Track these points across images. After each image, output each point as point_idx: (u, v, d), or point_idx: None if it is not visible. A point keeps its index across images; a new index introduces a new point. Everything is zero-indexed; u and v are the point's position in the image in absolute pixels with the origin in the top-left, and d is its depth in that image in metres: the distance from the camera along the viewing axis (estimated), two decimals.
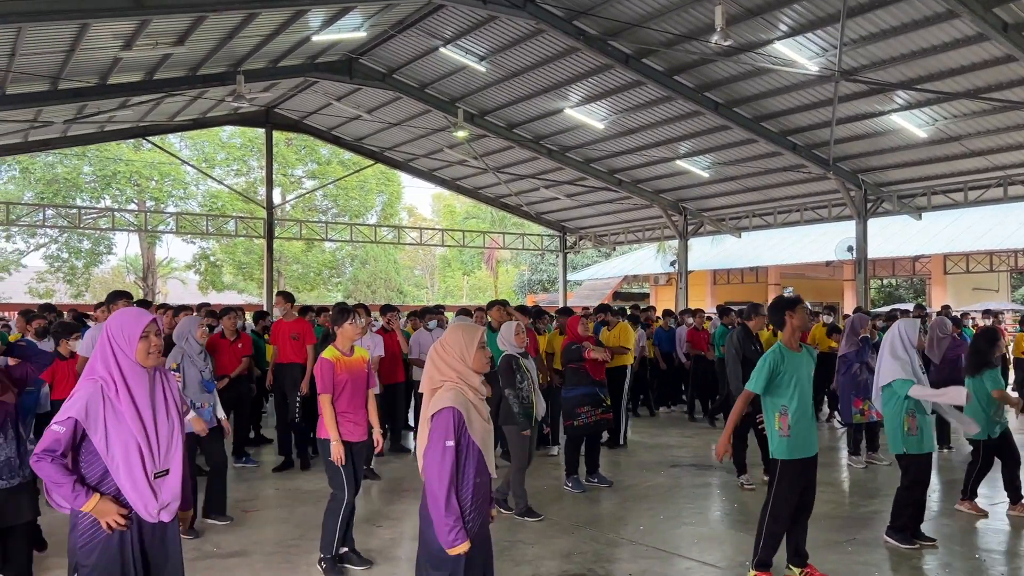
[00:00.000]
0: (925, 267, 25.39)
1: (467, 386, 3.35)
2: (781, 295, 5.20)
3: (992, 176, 17.47)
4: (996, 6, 11.91)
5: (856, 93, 15.16)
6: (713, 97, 16.71)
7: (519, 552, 5.77)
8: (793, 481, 4.88)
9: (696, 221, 24.26)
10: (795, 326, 4.95)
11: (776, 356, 4.89)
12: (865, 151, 17.87)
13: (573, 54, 15.99)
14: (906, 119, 15.88)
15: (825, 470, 8.65)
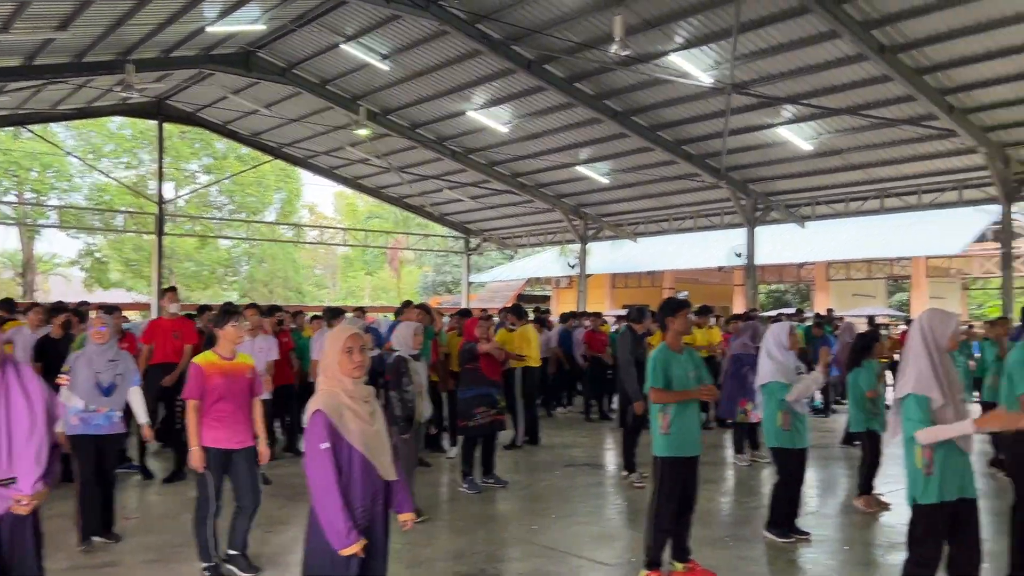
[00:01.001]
0: (810, 273, 26.69)
1: (342, 389, 3.34)
2: (670, 297, 5.38)
3: (870, 188, 18.52)
4: (874, 28, 12.65)
5: (747, 106, 15.79)
6: (612, 105, 17.09)
7: (412, 554, 5.75)
8: (674, 479, 5.06)
9: (596, 225, 24.73)
10: (676, 330, 5.14)
11: (661, 356, 5.06)
12: (755, 162, 18.64)
13: (477, 57, 16.07)
14: (792, 132, 16.66)
15: (711, 468, 9.01)
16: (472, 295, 32.56)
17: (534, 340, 10.72)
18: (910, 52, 13.12)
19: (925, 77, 13.64)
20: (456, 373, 8.63)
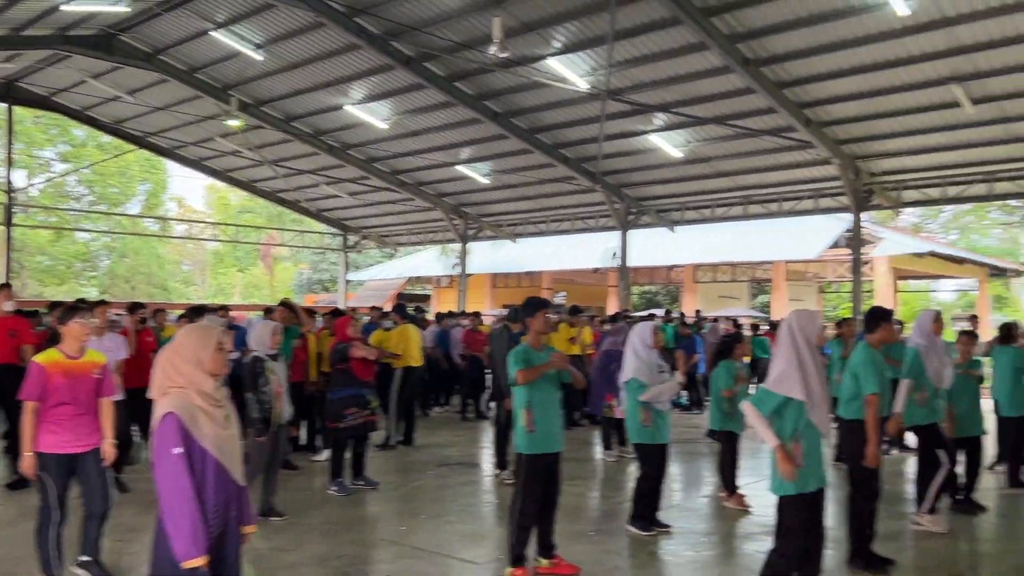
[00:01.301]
0: (679, 275, 27.70)
1: (196, 391, 3.20)
2: (530, 297, 5.45)
3: (735, 195, 19.41)
4: (739, 42, 13.26)
5: (622, 112, 16.23)
6: (492, 106, 17.19)
7: (274, 560, 5.58)
8: (536, 476, 5.13)
9: (476, 225, 24.81)
10: (536, 329, 5.23)
11: (521, 350, 5.13)
12: (628, 167, 19.18)
13: (355, 51, 15.78)
14: (664, 140, 17.25)
15: (580, 464, 9.22)
16: (350, 294, 32.00)
17: (415, 339, 10.64)
18: (772, 66, 13.83)
19: (785, 91, 14.42)
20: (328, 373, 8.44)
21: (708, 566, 5.57)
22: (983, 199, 18.18)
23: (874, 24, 12.25)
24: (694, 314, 17.90)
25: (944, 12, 11.71)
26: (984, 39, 12.12)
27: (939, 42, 12.39)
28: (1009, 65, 12.61)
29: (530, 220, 23.90)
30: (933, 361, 6.17)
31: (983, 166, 15.82)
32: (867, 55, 13.10)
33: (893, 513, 6.72)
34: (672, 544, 6.05)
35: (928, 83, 13.50)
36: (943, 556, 5.87)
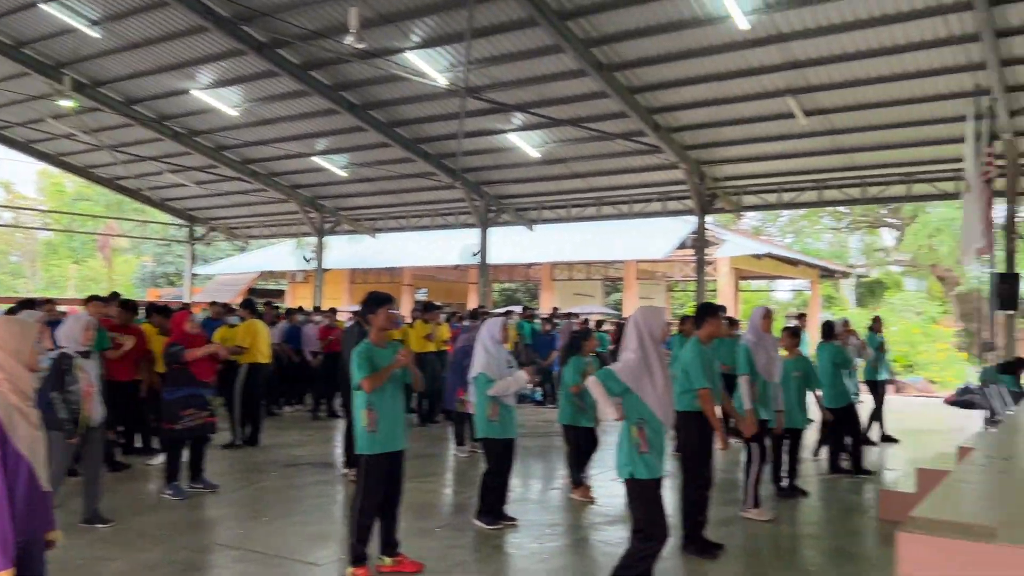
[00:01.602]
0: (537, 273, 28.17)
1: (13, 389, 2.96)
2: (372, 292, 5.36)
3: (589, 196, 19.94)
4: (593, 46, 13.61)
5: (481, 110, 16.30)
6: (349, 97, 16.84)
7: (97, 569, 5.21)
8: (378, 475, 5.06)
9: (333, 219, 24.26)
10: (378, 325, 5.15)
11: (364, 350, 5.04)
12: (488, 165, 19.31)
13: (202, 33, 15.02)
14: (522, 139, 17.48)
15: (432, 461, 9.19)
16: (196, 288, 30.52)
17: (263, 335, 10.25)
18: (624, 72, 14.30)
19: (636, 96, 14.93)
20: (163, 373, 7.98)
21: (551, 556, 5.67)
22: (813, 205, 19.56)
23: (717, 36, 12.89)
24: (551, 311, 18.24)
25: (780, 28, 12.48)
26: (815, 55, 13.01)
27: (776, 56, 13.20)
28: (837, 81, 13.60)
29: (390, 215, 23.63)
30: (761, 356, 6.55)
31: (814, 174, 17.00)
32: (711, 65, 13.77)
33: (728, 500, 7.10)
34: (517, 537, 6.12)
35: (766, 94, 14.35)
36: (769, 540, 6.25)
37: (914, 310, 25.38)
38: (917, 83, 13.27)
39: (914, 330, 21.31)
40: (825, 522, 6.94)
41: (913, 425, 13.06)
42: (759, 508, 6.70)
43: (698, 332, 5.82)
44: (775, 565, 5.65)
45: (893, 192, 16.86)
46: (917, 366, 20.14)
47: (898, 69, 12.99)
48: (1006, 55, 12.13)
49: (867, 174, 16.49)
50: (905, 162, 15.84)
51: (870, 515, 7.05)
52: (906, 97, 13.69)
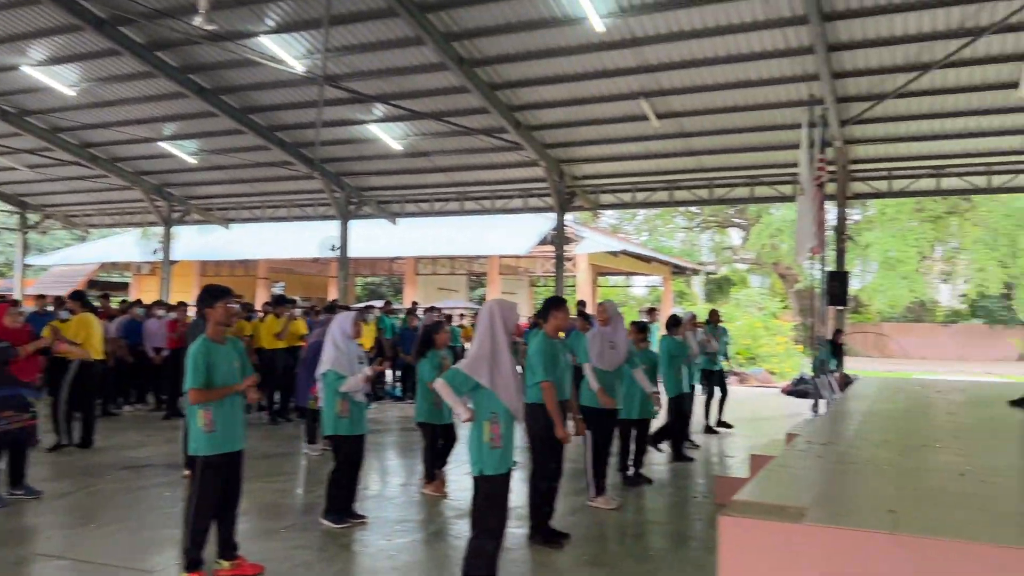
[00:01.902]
0: (401, 267, 27.93)
1: None
2: (209, 285, 5.11)
3: (452, 191, 19.93)
4: (455, 41, 13.58)
5: (341, 99, 15.94)
6: (199, 81, 16.07)
7: None
8: (215, 477, 4.85)
9: (182, 208, 23.09)
10: (215, 320, 4.93)
11: (201, 349, 4.80)
12: (349, 156, 18.93)
13: (34, 5, 13.87)
14: (383, 130, 17.24)
15: (283, 460, 8.91)
16: (29, 280, 28.28)
17: (96, 330, 9.60)
18: (485, 68, 14.36)
19: (497, 93, 15.04)
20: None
21: (399, 553, 5.61)
22: (665, 205, 20.37)
23: (575, 37, 13.17)
24: (410, 305, 18.09)
25: (634, 32, 12.89)
26: (666, 60, 13.53)
27: (630, 59, 13.63)
28: (687, 85, 14.21)
29: (244, 205, 22.74)
30: (596, 345, 6.76)
31: (666, 175, 17.70)
32: (569, 65, 14.06)
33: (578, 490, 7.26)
34: (366, 534, 6.02)
35: (621, 96, 14.80)
36: (614, 527, 6.44)
37: (757, 305, 26.94)
38: (760, 91, 14.07)
39: (756, 324, 22.61)
40: (667, 508, 7.23)
41: (754, 414, 13.86)
42: (604, 497, 6.89)
43: (545, 325, 5.90)
44: (618, 552, 5.82)
45: (738, 194, 17.80)
46: (759, 358, 21.40)
47: (742, 76, 13.72)
48: (837, 68, 13.06)
49: (714, 176, 17.33)
50: (749, 165, 16.76)
51: (708, 500, 7.40)
52: (750, 104, 14.48)
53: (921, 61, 12.64)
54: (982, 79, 13.06)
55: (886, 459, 4.25)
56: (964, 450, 4.56)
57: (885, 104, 13.61)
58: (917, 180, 16.09)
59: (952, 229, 32.51)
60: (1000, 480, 3.74)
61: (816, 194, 11.24)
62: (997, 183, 15.66)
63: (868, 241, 29.97)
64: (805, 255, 11.24)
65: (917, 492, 3.47)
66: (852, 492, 3.62)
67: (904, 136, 14.97)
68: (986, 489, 3.52)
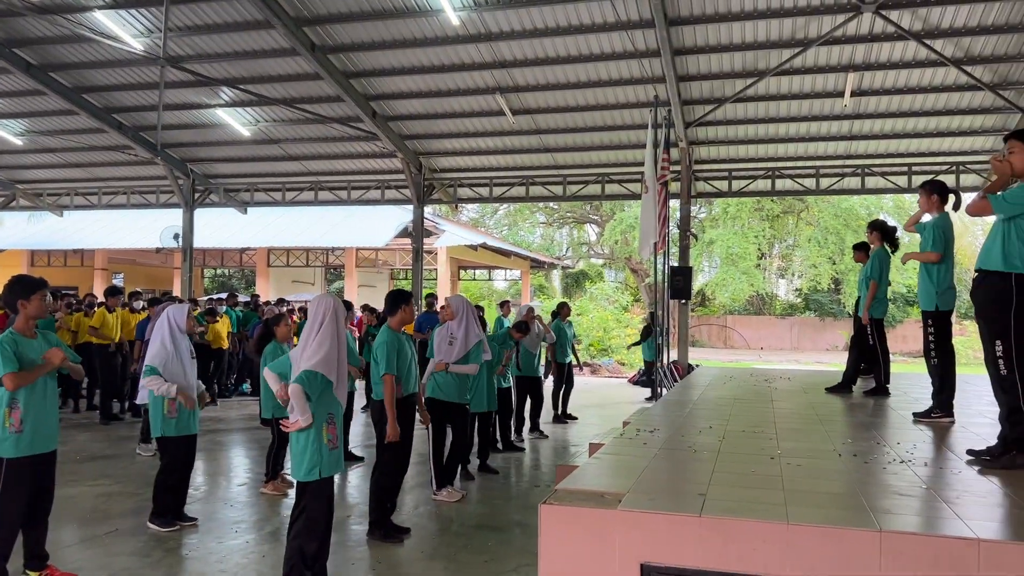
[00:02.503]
0: (252, 259, 26.91)
1: None
2: (21, 276, 4.72)
3: (305, 180, 19.39)
4: (306, 26, 13.20)
5: (184, 82, 15.18)
6: (25, 56, 14.88)
7: None
8: (23, 480, 4.48)
9: (7, 193, 21.30)
10: (29, 314, 4.56)
11: (9, 346, 4.42)
12: (194, 141, 18.05)
13: None
14: (231, 116, 16.54)
15: (114, 462, 8.39)
16: None
17: None
18: (339, 55, 14.05)
19: (352, 81, 14.75)
20: None
21: (231, 555, 5.39)
22: (521, 200, 20.61)
23: (431, 28, 13.11)
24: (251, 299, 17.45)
25: (489, 27, 12.97)
26: (520, 56, 13.70)
27: (486, 54, 13.71)
28: (541, 82, 14.45)
29: (78, 191, 21.24)
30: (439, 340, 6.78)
31: (522, 171, 17.94)
32: (426, 57, 13.98)
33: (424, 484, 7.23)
34: (196, 537, 5.76)
35: (478, 90, 14.87)
36: (456, 519, 6.46)
37: (610, 299, 27.82)
38: (609, 90, 14.49)
39: (608, 317, 23.34)
40: (509, 499, 7.32)
41: (602, 402, 14.31)
42: (449, 490, 6.90)
43: (391, 320, 5.84)
44: (456, 543, 5.84)
45: (590, 191, 18.29)
46: (610, 349, 22.11)
47: (593, 76, 14.09)
48: (681, 71, 13.65)
49: (568, 172, 17.73)
50: (600, 163, 17.26)
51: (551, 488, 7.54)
52: (601, 103, 14.90)
53: (757, 68, 13.41)
54: (811, 87, 14.01)
55: (707, 445, 4.46)
56: (780, 435, 4.87)
57: (725, 108, 14.36)
58: (755, 181, 17.08)
59: (788, 227, 34.77)
60: (804, 462, 4.01)
61: (660, 192, 11.71)
62: (824, 185, 16.86)
63: (712, 238, 31.58)
64: (649, 251, 11.69)
65: (729, 476, 3.66)
66: (669, 477, 3.78)
67: (743, 139, 15.84)
68: (790, 471, 3.76)
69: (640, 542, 2.98)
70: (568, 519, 3.09)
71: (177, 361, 5.83)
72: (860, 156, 15.95)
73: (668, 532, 2.96)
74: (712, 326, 36.81)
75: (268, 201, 20.29)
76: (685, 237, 16.24)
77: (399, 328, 5.87)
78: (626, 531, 3.00)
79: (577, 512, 3.09)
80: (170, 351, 5.77)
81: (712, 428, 5.09)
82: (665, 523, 2.97)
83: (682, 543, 2.94)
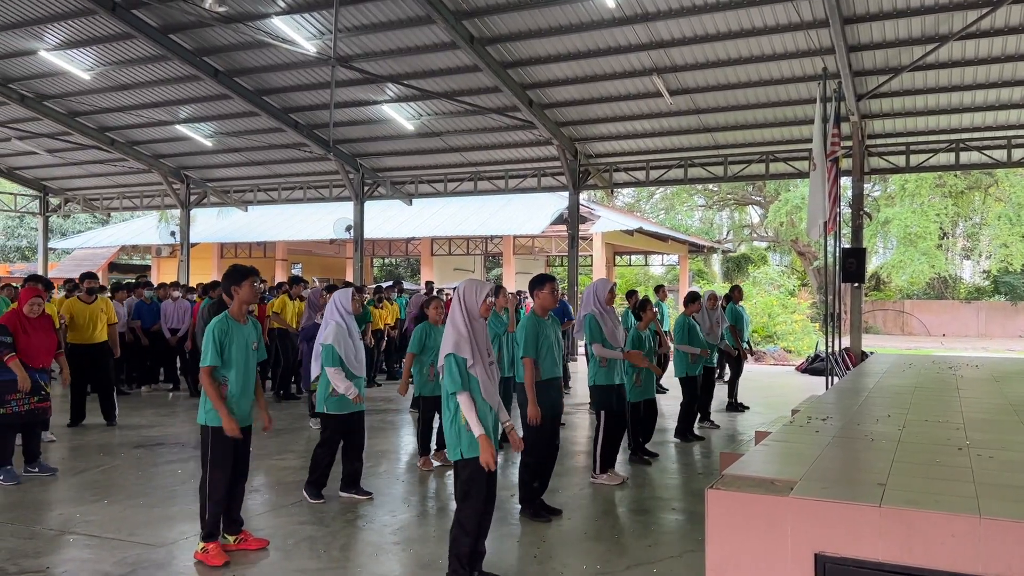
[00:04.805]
0: (417, 248, 27.99)
1: None
2: (236, 264, 5.16)
3: (465, 171, 19.91)
4: (465, 19, 13.52)
5: (353, 80, 15.96)
6: (212, 63, 16.13)
7: None
8: (227, 448, 4.92)
9: (200, 191, 23.27)
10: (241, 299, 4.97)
11: (222, 326, 4.87)
12: (362, 136, 18.96)
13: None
14: (396, 111, 17.23)
15: (290, 436, 9.01)
16: (53, 263, 28.71)
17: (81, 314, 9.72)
18: (496, 46, 14.30)
19: (509, 71, 14.98)
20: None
21: (402, 527, 5.67)
22: (680, 182, 20.21)
23: (587, 13, 13.07)
24: (424, 285, 18.14)
25: (646, 7, 12.77)
26: (678, 35, 13.39)
27: (642, 35, 13.51)
28: (700, 61, 14.07)
29: (260, 187, 22.87)
30: (608, 324, 6.71)
31: (680, 152, 17.58)
32: (581, 42, 13.96)
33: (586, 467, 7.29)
34: (371, 509, 6.10)
35: (634, 73, 14.68)
36: (619, 502, 6.45)
37: (775, 283, 26.74)
38: (774, 65, 13.90)
39: (772, 302, 22.46)
40: (671, 485, 7.23)
41: (767, 392, 13.81)
42: (609, 473, 6.91)
43: (533, 304, 5.91)
44: (619, 526, 5.84)
45: (753, 170, 17.64)
46: (776, 336, 21.28)
47: (756, 51, 13.55)
48: (852, 41, 12.87)
49: (729, 153, 17.18)
50: (763, 142, 16.60)
51: (714, 476, 7.38)
52: (764, 79, 14.32)
53: (938, 33, 12.43)
54: (1001, 50, 12.82)
55: (884, 434, 4.22)
56: (968, 425, 4.53)
57: (902, 77, 13.41)
58: (936, 155, 15.86)
59: (974, 204, 32.04)
60: (996, 453, 3.71)
61: (829, 169, 11.11)
62: (1017, 156, 15.41)
63: (888, 217, 29.61)
64: (818, 231, 11.13)
65: (909, 466, 3.45)
66: (843, 466, 3.61)
67: (922, 110, 14.75)
68: (981, 463, 3.50)
69: (814, 531, 2.87)
70: (737, 505, 3.02)
71: (349, 341, 6.16)
72: None
73: (845, 522, 2.83)
74: (888, 311, 34.59)
75: (431, 192, 21.01)
76: (858, 216, 15.34)
77: (542, 312, 5.90)
78: (799, 519, 2.89)
79: (746, 498, 3.01)
80: (344, 329, 6.11)
81: (890, 417, 4.80)
82: (842, 512, 2.84)
83: (860, 534, 2.80)
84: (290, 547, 5.22)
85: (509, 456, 7.64)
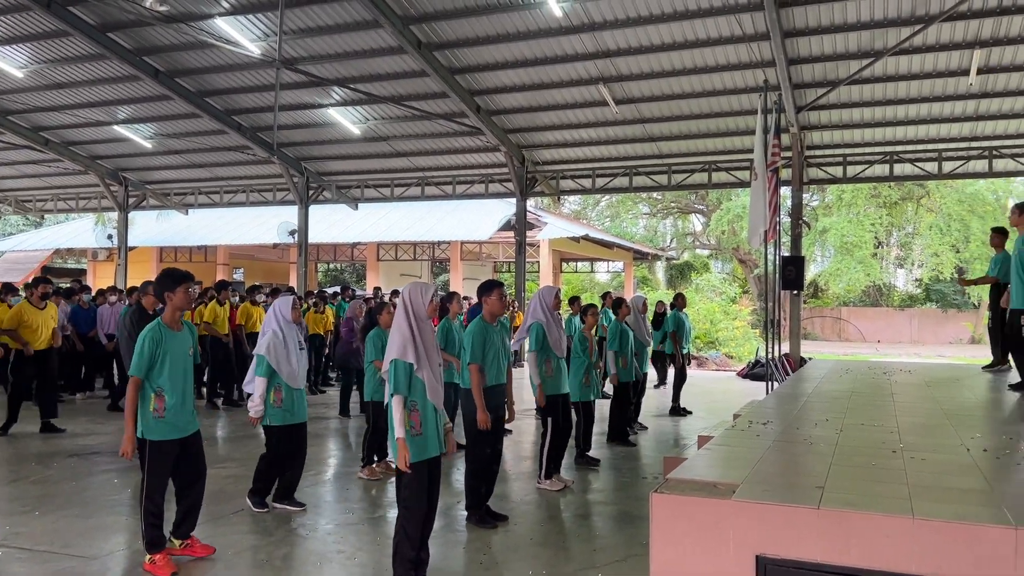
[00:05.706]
0: (362, 253, 27.74)
1: None
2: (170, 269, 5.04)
3: (413, 176, 19.83)
4: (413, 24, 13.47)
5: (298, 83, 15.76)
6: (153, 63, 15.77)
7: None
8: (166, 459, 4.82)
9: (139, 193, 22.70)
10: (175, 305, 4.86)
11: (154, 335, 4.74)
12: (307, 140, 18.73)
13: None
14: (342, 115, 17.07)
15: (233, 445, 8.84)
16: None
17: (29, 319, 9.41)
18: (444, 52, 14.28)
19: (457, 77, 14.97)
20: None
21: (344, 535, 5.60)
22: (625, 190, 20.43)
23: (534, 21, 13.15)
24: (372, 291, 18.01)
25: (592, 17, 12.90)
26: (624, 45, 13.56)
27: (589, 44, 13.64)
28: (645, 71, 14.27)
29: (202, 190, 22.42)
30: (553, 332, 6.76)
31: (625, 161, 17.78)
32: (528, 50, 14.04)
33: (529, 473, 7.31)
34: (311, 518, 6.01)
35: (581, 81, 14.82)
36: (563, 507, 6.49)
37: (716, 290, 27.23)
38: (716, 76, 14.17)
39: (715, 309, 22.87)
40: (615, 489, 7.30)
41: (709, 397, 14.04)
42: (551, 479, 6.94)
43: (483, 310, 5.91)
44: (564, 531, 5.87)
45: (696, 179, 17.95)
46: (718, 342, 21.67)
47: (699, 62, 13.81)
48: (792, 54, 13.20)
49: (672, 162, 17.45)
50: (706, 151, 16.91)
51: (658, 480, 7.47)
52: (707, 90, 14.59)
53: (874, 48, 12.83)
54: (933, 66, 13.30)
55: (822, 437, 4.33)
56: (901, 429, 4.67)
57: (839, 91, 13.80)
58: (871, 166, 16.36)
59: (907, 215, 33.11)
60: (928, 456, 3.83)
61: (770, 179, 11.36)
62: (948, 169, 15.98)
63: (826, 226, 30.43)
64: (758, 240, 11.36)
65: (847, 469, 3.54)
66: (784, 469, 3.69)
67: (858, 123, 15.20)
68: (915, 465, 3.61)
69: (755, 533, 2.92)
70: (680, 509, 3.06)
71: (284, 351, 6.01)
72: (987, 137, 15.04)
73: (785, 524, 2.89)
74: (825, 318, 35.51)
75: (377, 197, 20.85)
76: (797, 225, 15.72)
77: (490, 319, 5.91)
78: (741, 522, 2.94)
79: (690, 502, 3.05)
80: (280, 339, 5.97)
81: (828, 421, 4.93)
82: (782, 515, 2.90)
83: (800, 535, 2.86)
84: (231, 557, 5.12)
85: (453, 463, 7.61)
